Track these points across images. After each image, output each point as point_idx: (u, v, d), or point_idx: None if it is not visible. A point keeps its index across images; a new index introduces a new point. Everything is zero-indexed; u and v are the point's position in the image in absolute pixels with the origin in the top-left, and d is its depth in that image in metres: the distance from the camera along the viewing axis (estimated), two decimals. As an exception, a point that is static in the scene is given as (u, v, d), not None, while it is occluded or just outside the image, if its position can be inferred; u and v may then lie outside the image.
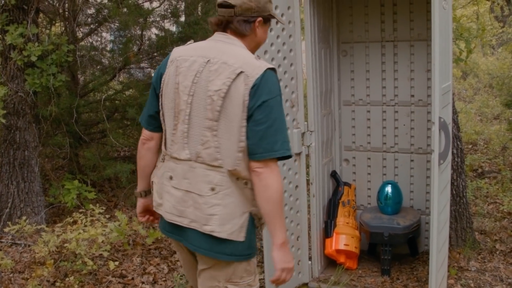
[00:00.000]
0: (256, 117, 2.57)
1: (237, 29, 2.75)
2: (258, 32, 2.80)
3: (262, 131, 2.57)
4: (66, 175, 7.01)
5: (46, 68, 5.94)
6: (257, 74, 2.60)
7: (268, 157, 2.57)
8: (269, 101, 2.58)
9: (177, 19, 7.92)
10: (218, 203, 2.66)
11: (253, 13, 2.74)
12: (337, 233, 4.94)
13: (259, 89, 2.58)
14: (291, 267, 2.70)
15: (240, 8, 2.71)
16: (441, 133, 3.76)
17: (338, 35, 5.18)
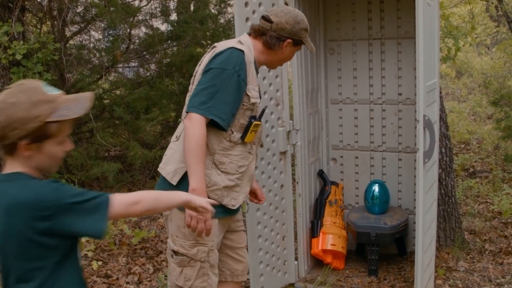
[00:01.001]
0: (201, 79, 2.99)
1: (267, 42, 3.12)
2: (285, 51, 3.16)
3: (197, 90, 2.94)
4: (54, 175, 6.93)
5: (32, 67, 5.88)
6: (222, 48, 3.02)
7: (191, 111, 2.89)
8: (215, 69, 2.93)
9: (167, 17, 7.87)
10: (172, 147, 3.13)
11: (286, 34, 3.10)
12: (323, 233, 4.88)
13: (215, 58, 2.98)
14: (200, 217, 2.85)
15: (276, 26, 3.09)
16: (425, 131, 3.71)
17: (325, 33, 5.13)
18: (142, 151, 6.60)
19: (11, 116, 1.89)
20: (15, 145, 1.93)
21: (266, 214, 4.34)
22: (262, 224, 4.32)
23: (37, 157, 1.97)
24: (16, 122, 1.89)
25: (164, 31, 7.83)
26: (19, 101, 1.90)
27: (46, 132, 1.94)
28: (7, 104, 1.91)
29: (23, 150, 1.94)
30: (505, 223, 5.80)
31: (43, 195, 1.88)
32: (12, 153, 1.96)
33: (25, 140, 1.92)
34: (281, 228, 4.55)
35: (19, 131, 1.90)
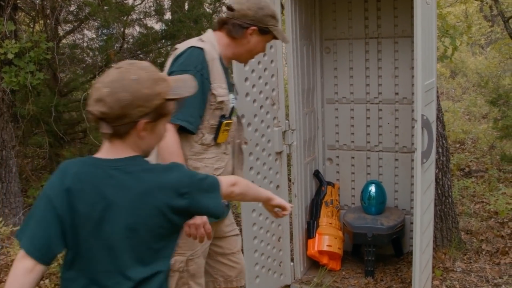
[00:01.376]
0: None
1: (229, 30, 3.00)
2: (251, 39, 3.02)
3: None
4: (46, 176, 6.87)
5: (24, 66, 5.80)
6: (182, 49, 2.91)
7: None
8: (177, 72, 2.72)
9: (161, 16, 7.81)
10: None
11: (249, 21, 2.97)
12: (320, 234, 4.84)
13: (176, 61, 2.87)
14: (198, 223, 2.77)
15: (238, 13, 2.97)
16: (423, 131, 3.66)
17: (321, 31, 5.08)
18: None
19: (136, 92, 1.86)
20: (133, 125, 1.89)
21: (261, 215, 4.29)
22: (258, 225, 4.26)
23: (148, 138, 1.97)
24: (141, 99, 1.86)
25: (158, 30, 7.76)
26: (141, 78, 1.88)
27: (165, 110, 1.95)
28: (129, 81, 1.86)
29: (140, 130, 1.91)
30: (501, 223, 5.76)
31: (181, 174, 1.97)
32: (124, 135, 1.92)
33: (146, 118, 1.90)
34: (276, 229, 4.50)
35: (143, 109, 1.87)
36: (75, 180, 1.91)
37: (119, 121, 1.86)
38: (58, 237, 1.89)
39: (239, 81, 3.94)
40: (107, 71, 1.93)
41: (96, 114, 1.87)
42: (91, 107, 1.88)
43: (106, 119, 1.86)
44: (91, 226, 1.89)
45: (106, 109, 1.84)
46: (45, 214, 1.90)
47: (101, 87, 1.86)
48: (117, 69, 1.90)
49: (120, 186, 1.90)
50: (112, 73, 1.89)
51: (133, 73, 1.87)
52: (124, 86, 1.85)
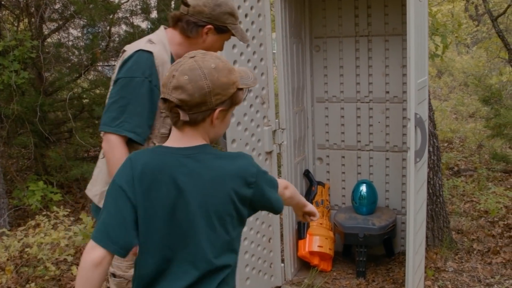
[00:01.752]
0: (111, 91, 2.72)
1: (183, 28, 2.78)
2: (206, 39, 2.82)
3: (108, 104, 2.67)
4: (31, 176, 6.77)
5: (8, 65, 5.71)
6: (130, 52, 2.69)
7: (104, 130, 2.63)
8: (123, 79, 2.64)
9: (148, 15, 7.73)
10: (99, 166, 2.85)
11: (204, 18, 2.76)
12: (310, 235, 4.77)
13: (123, 66, 2.67)
14: None
15: (193, 9, 2.75)
16: (417, 130, 3.61)
17: (311, 29, 5.02)
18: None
19: (216, 80, 1.89)
20: (210, 112, 1.93)
21: (251, 216, 4.21)
22: (248, 226, 4.20)
23: (219, 126, 2.00)
24: (220, 87, 1.90)
25: (144, 28, 7.67)
26: (219, 67, 1.91)
27: (237, 99, 1.99)
28: (210, 69, 1.89)
29: (215, 118, 1.94)
30: (492, 222, 5.74)
31: (249, 163, 2.01)
32: (198, 122, 1.94)
33: (221, 106, 1.93)
34: (267, 230, 4.44)
35: (220, 96, 1.91)
36: (146, 170, 1.94)
37: (197, 108, 1.89)
38: (134, 227, 1.93)
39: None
40: (178, 60, 1.94)
41: (174, 102, 1.88)
42: (167, 95, 1.89)
43: (184, 107, 1.89)
44: (165, 214, 1.92)
45: (185, 96, 1.87)
46: (119, 204, 1.92)
47: (178, 74, 1.88)
48: (191, 58, 1.92)
49: (192, 173, 1.92)
50: (187, 61, 1.90)
51: (211, 61, 1.90)
52: (204, 74, 1.87)
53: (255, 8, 4.08)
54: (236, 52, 3.91)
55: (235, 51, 3.90)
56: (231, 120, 3.93)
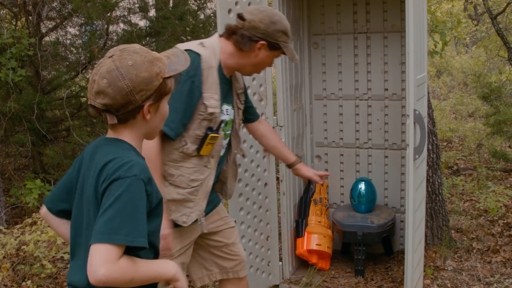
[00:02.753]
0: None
1: (237, 41, 2.85)
2: (259, 54, 2.87)
3: None
4: (29, 174, 6.75)
5: (6, 62, 5.69)
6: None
7: None
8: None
9: (146, 13, 7.70)
10: None
11: (259, 34, 2.82)
12: (308, 233, 4.74)
13: None
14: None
15: (248, 24, 2.81)
16: (416, 126, 3.58)
17: (309, 26, 4.99)
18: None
19: (136, 77, 1.84)
20: (138, 110, 1.90)
21: (249, 214, 4.19)
22: (246, 224, 4.17)
23: (153, 120, 1.97)
24: (142, 83, 1.85)
25: (142, 27, 7.65)
26: (137, 62, 1.85)
27: (165, 89, 1.94)
28: (126, 67, 1.83)
29: (145, 113, 1.91)
30: (491, 221, 5.71)
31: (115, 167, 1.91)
32: (127, 120, 1.92)
33: (149, 101, 1.90)
34: (265, 228, 4.41)
35: (145, 92, 1.87)
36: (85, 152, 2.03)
37: (123, 109, 1.87)
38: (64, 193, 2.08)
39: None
40: (100, 61, 1.90)
41: (98, 108, 1.86)
42: (91, 101, 1.87)
43: (110, 110, 1.87)
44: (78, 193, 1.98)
45: (108, 101, 1.84)
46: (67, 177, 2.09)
47: (98, 79, 1.85)
48: (110, 57, 1.87)
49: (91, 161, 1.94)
50: (106, 62, 1.86)
51: (128, 58, 1.84)
52: (122, 74, 1.83)
53: (253, 3, 4.05)
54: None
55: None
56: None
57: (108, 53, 1.90)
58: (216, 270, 3.25)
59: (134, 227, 1.76)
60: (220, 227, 3.22)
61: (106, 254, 1.70)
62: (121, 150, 1.91)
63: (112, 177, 1.80)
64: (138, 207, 1.79)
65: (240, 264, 3.30)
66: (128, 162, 1.84)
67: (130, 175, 1.80)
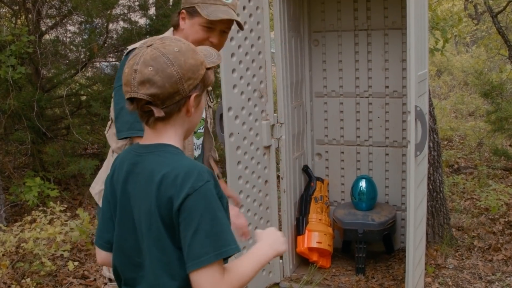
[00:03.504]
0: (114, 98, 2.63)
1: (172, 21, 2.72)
2: (184, 25, 2.63)
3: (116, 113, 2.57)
4: (29, 172, 6.72)
5: (5, 60, 5.66)
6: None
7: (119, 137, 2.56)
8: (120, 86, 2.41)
9: (146, 11, 7.68)
10: (104, 165, 2.86)
11: (182, 5, 2.64)
12: (309, 231, 4.72)
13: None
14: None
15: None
16: (417, 123, 3.56)
17: (309, 23, 4.97)
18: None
19: (184, 64, 1.68)
20: (184, 101, 1.72)
21: (250, 211, 4.17)
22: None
23: (195, 115, 1.79)
24: (190, 70, 1.69)
25: (143, 25, 7.63)
26: (182, 49, 1.70)
27: (209, 80, 1.78)
28: (174, 53, 1.67)
29: (191, 106, 1.72)
30: (492, 219, 5.68)
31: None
32: (172, 115, 1.72)
33: (195, 91, 1.73)
34: (265, 225, 4.39)
35: (192, 81, 1.70)
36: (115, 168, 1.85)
37: (171, 100, 1.68)
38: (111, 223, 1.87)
39: (226, 72, 3.83)
40: (135, 52, 1.72)
41: (144, 99, 1.67)
42: (133, 93, 1.67)
43: (156, 101, 1.68)
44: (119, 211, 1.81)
45: (155, 90, 1.65)
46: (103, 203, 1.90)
47: (141, 68, 1.66)
48: (149, 47, 1.70)
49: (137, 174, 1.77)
50: (146, 51, 1.68)
51: (173, 45, 1.69)
52: (170, 60, 1.66)
53: (253, 0, 4.04)
54: (233, 45, 3.86)
55: (232, 43, 3.85)
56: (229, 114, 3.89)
57: (143, 44, 1.73)
58: None
59: (226, 237, 1.64)
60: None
61: (213, 277, 1.61)
62: (176, 156, 1.73)
63: (185, 191, 1.63)
64: (221, 216, 1.65)
65: None
66: (193, 168, 1.67)
67: (203, 183, 1.64)
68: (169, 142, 1.75)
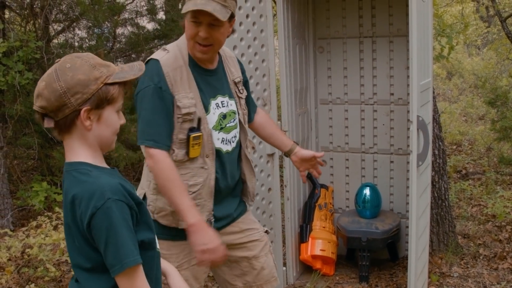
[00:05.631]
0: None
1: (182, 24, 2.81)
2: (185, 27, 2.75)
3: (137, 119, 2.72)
4: (36, 177, 6.77)
5: (13, 65, 5.70)
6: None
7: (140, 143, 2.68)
8: (137, 94, 2.70)
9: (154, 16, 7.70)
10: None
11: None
12: (313, 238, 4.72)
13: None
14: (211, 248, 2.64)
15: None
16: (419, 133, 3.55)
17: (314, 30, 4.96)
18: (126, 153, 6.42)
19: (71, 79, 1.78)
20: (75, 115, 1.80)
21: (253, 219, 4.16)
22: (249, 229, 4.14)
23: (97, 129, 1.86)
24: (77, 85, 1.78)
25: (150, 30, 7.66)
26: (75, 65, 1.80)
27: (107, 96, 1.83)
28: (63, 69, 1.79)
29: (84, 119, 1.81)
30: (499, 226, 5.65)
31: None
32: (70, 128, 1.83)
33: (86, 106, 1.80)
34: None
35: (80, 95, 1.79)
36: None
37: (60, 113, 1.79)
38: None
39: (229, 80, 3.83)
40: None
41: (38, 111, 1.82)
42: (34, 105, 1.84)
43: (48, 114, 1.80)
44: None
45: (44, 103, 1.79)
46: None
47: (39, 82, 1.82)
48: (56, 62, 1.84)
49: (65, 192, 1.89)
50: (51, 67, 1.83)
51: (68, 61, 1.81)
52: (58, 76, 1.78)
53: (256, 8, 4.04)
54: (236, 53, 3.86)
55: (236, 52, 3.85)
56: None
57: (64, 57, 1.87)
58: (240, 284, 3.09)
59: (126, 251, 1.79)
60: (238, 240, 3.04)
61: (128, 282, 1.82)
62: (83, 176, 1.84)
63: (90, 211, 1.76)
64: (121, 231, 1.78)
65: (262, 277, 3.11)
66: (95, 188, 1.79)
67: (103, 201, 1.76)
68: (79, 160, 1.86)
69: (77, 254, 1.87)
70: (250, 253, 3.07)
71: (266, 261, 3.13)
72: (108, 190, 1.78)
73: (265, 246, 3.14)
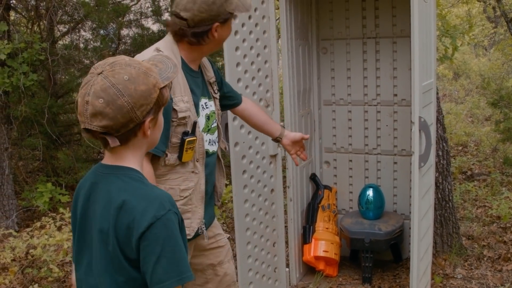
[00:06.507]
0: None
1: (191, 41, 2.66)
2: (217, 34, 2.69)
3: None
4: (41, 178, 6.79)
5: (17, 67, 5.72)
6: None
7: None
8: None
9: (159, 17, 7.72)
10: None
11: (208, 22, 2.62)
12: (316, 239, 4.71)
13: None
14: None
15: (192, 21, 2.60)
16: (421, 134, 3.54)
17: (318, 31, 4.96)
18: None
19: (135, 92, 1.66)
20: (139, 127, 1.72)
21: (255, 220, 4.16)
22: (252, 230, 4.14)
23: (153, 134, 1.80)
24: (141, 97, 1.67)
25: (155, 31, 7.67)
26: (132, 75, 1.67)
27: (163, 100, 1.77)
28: (123, 82, 1.65)
29: (146, 130, 1.73)
30: (504, 228, 5.63)
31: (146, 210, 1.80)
32: (129, 140, 1.74)
33: (149, 116, 1.72)
34: (271, 234, 4.38)
35: (145, 107, 1.69)
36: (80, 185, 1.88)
37: (125, 128, 1.68)
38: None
39: (232, 82, 3.82)
40: (86, 79, 1.69)
41: (97, 131, 1.67)
42: (87, 125, 1.66)
43: (110, 131, 1.68)
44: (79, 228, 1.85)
45: (108, 122, 1.65)
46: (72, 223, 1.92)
47: (92, 99, 1.64)
48: (99, 74, 1.66)
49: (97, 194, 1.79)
50: (97, 80, 1.66)
51: (122, 73, 1.67)
52: (120, 91, 1.64)
53: (259, 9, 4.03)
54: (239, 54, 3.86)
55: (238, 53, 3.85)
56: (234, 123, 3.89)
57: (94, 69, 1.70)
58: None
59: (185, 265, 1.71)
60: (210, 245, 3.04)
61: None
62: (136, 183, 1.75)
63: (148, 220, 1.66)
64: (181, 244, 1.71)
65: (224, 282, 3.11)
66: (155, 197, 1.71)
67: (165, 212, 1.68)
68: (129, 165, 1.78)
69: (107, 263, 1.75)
70: (216, 259, 3.07)
71: (229, 266, 3.14)
72: (167, 201, 1.71)
73: (228, 251, 3.16)
